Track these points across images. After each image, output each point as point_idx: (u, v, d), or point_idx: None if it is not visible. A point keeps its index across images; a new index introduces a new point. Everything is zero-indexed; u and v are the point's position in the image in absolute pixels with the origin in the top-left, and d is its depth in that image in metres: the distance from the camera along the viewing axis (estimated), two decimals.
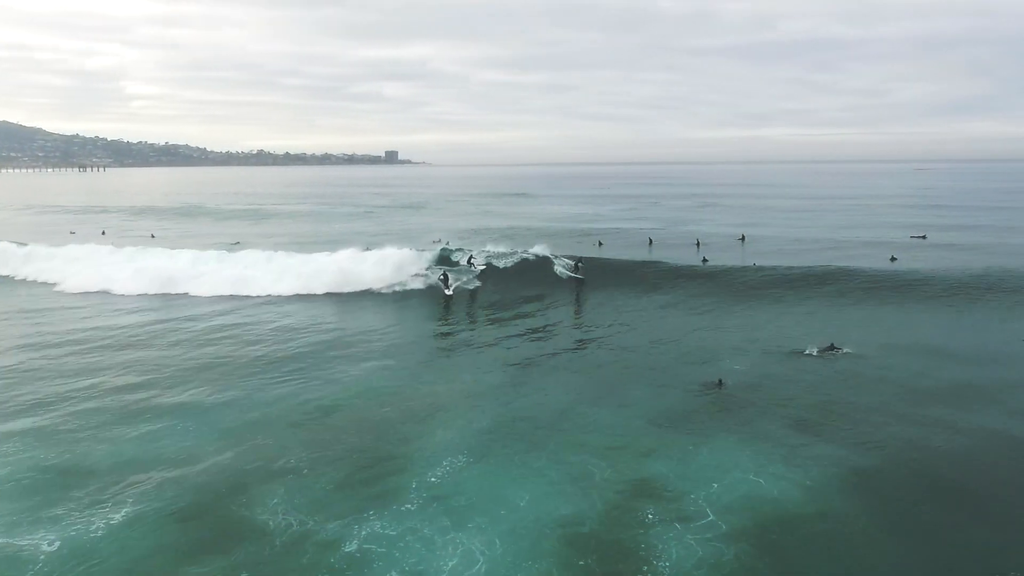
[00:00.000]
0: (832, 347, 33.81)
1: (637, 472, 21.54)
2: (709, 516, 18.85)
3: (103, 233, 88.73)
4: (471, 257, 53.01)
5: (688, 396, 28.62)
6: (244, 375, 31.41)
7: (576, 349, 36.09)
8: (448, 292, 46.79)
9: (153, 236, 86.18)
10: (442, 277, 48.07)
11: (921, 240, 71.39)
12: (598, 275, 50.34)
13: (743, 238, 72.07)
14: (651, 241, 71.81)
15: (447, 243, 62.41)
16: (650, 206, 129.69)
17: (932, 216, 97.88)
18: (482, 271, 51.43)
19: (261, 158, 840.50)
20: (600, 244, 70.25)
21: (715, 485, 20.57)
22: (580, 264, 51.10)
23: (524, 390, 29.53)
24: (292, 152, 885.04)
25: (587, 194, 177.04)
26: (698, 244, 67.94)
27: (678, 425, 25.53)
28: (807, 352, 33.42)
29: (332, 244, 71.60)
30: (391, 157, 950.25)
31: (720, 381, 29.78)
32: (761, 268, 50.77)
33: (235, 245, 69.73)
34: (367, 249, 56.47)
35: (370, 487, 20.70)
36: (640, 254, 63.55)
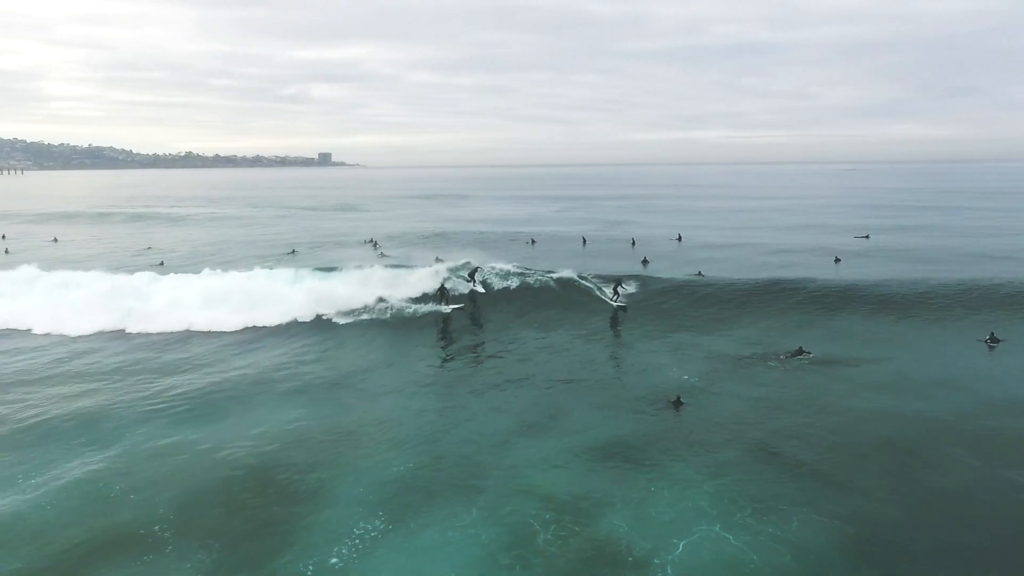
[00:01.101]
0: (800, 351, 32.17)
1: (588, 529, 17.76)
2: None
3: (2, 237, 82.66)
4: (473, 272, 45.82)
5: (644, 419, 25.29)
6: (122, 418, 26.26)
7: (521, 371, 31.81)
8: (446, 309, 41.23)
9: (56, 240, 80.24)
10: (439, 291, 42.44)
11: (864, 240, 70.60)
12: (554, 290, 44.51)
13: (679, 238, 70.70)
14: (584, 241, 70.56)
15: (442, 263, 50.16)
16: (586, 206, 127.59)
17: (872, 216, 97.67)
18: (479, 291, 43.99)
19: (190, 160, 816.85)
20: (533, 242, 69.50)
21: (680, 545, 16.93)
22: (620, 287, 42.58)
23: (456, 420, 25.52)
24: (223, 154, 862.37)
25: (523, 195, 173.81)
26: (633, 243, 67.34)
27: (633, 456, 22.06)
28: (774, 359, 31.77)
29: (245, 252, 67.63)
30: (325, 159, 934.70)
31: (678, 399, 26.88)
32: (710, 282, 47.86)
33: (160, 266, 61.55)
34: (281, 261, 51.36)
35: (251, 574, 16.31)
36: (575, 251, 63.34)
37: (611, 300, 41.19)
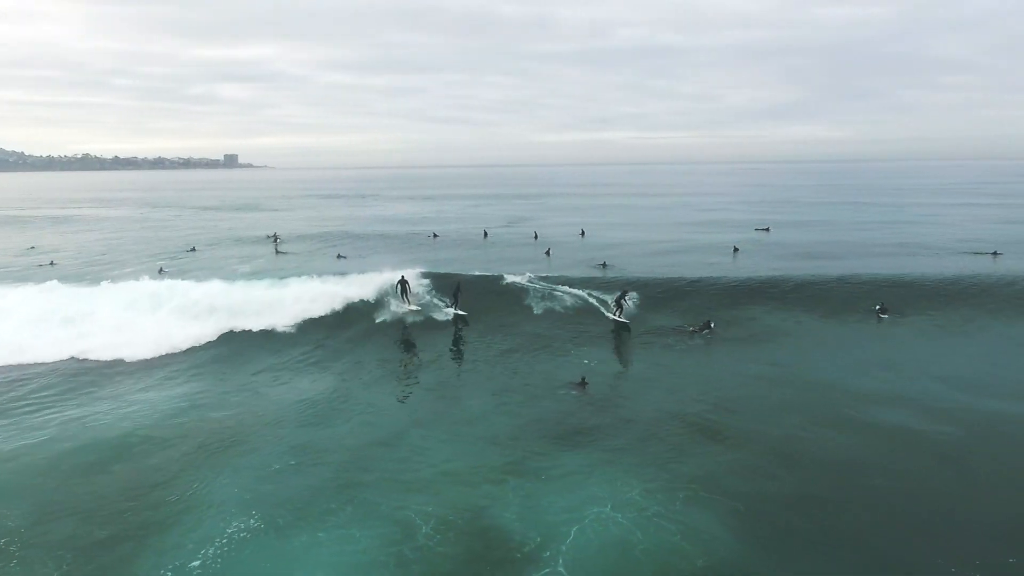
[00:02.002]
0: (708, 325, 33.77)
1: (474, 521, 16.96)
2: None
3: None
4: (456, 290, 38.43)
5: (546, 404, 24.77)
6: None
7: (425, 362, 31.01)
8: (409, 306, 37.08)
9: None
10: (399, 284, 37.95)
11: (765, 232, 72.77)
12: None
13: (583, 233, 71.76)
14: (486, 234, 71.80)
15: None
16: (493, 204, 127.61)
17: (772, 212, 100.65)
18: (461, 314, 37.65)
19: (87, 162, 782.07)
20: (435, 236, 70.79)
21: (572, 530, 16.33)
22: (624, 300, 36.55)
23: (348, 415, 24.44)
24: (122, 156, 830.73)
25: (431, 194, 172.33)
26: (536, 236, 68.54)
27: (529, 444, 21.43)
28: (688, 328, 33.41)
29: (138, 251, 65.08)
30: (231, 161, 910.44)
31: (583, 380, 26.85)
32: (615, 273, 48.16)
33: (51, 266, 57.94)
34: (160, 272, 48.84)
35: None
36: (476, 244, 64.51)
37: (614, 316, 35.68)
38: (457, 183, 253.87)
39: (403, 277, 38.13)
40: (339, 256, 59.86)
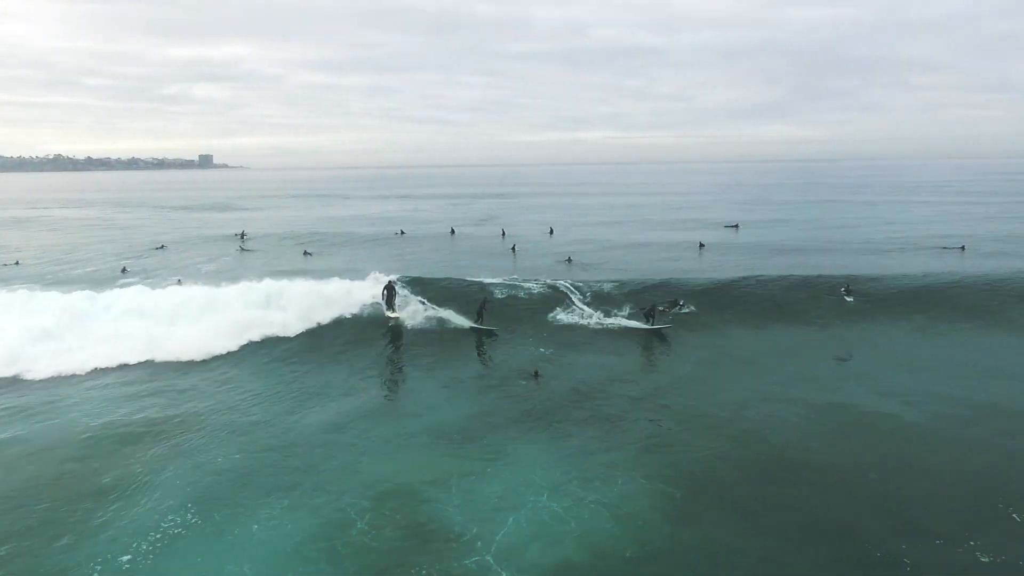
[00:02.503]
0: (676, 302, 35.03)
1: (411, 514, 16.91)
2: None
3: None
4: (482, 306, 35.09)
5: (494, 395, 24.85)
6: None
7: (379, 356, 30.81)
8: (391, 313, 34.47)
9: None
10: (385, 291, 35.12)
11: (734, 230, 74.19)
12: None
13: (551, 231, 72.30)
14: (453, 231, 72.70)
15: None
16: (465, 204, 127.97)
17: (743, 210, 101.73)
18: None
19: (59, 163, 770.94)
20: (402, 233, 71.76)
21: (509, 519, 16.36)
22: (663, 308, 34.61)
23: (293, 406, 24.30)
24: (95, 156, 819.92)
25: (404, 194, 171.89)
26: (503, 234, 69.04)
27: (475, 436, 21.47)
28: (659, 307, 33.97)
29: (103, 251, 64.43)
30: (205, 161, 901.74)
31: (536, 372, 27.06)
32: (581, 268, 49.07)
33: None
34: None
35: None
36: (444, 241, 65.24)
37: (648, 324, 33.18)
38: (432, 183, 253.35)
39: (390, 282, 36.02)
40: (305, 252, 60.40)
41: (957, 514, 16.69)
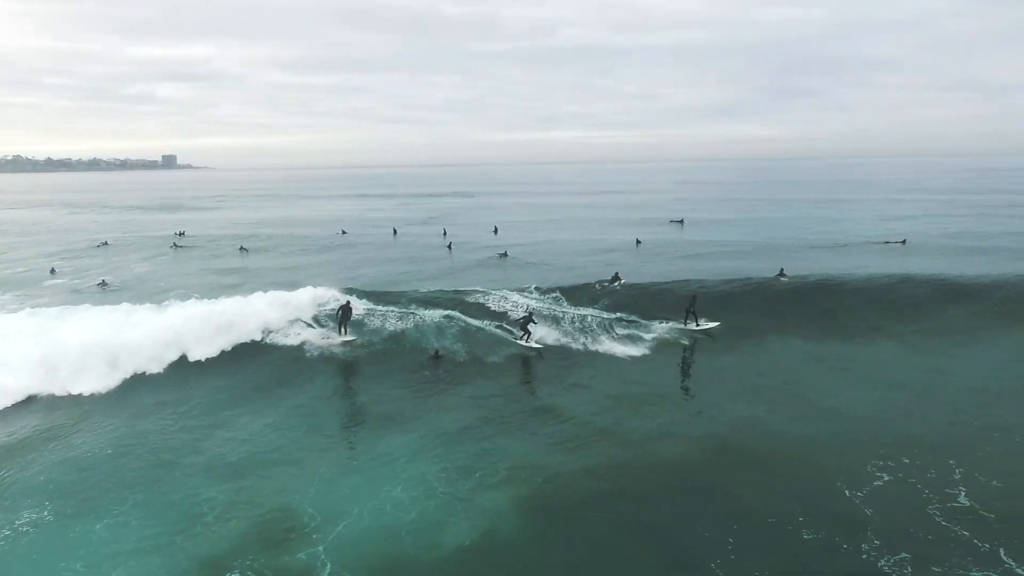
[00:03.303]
0: (616, 277, 38.15)
1: (265, 506, 16.97)
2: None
3: None
4: (527, 319, 31.33)
5: (392, 382, 25.13)
6: None
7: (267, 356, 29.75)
8: (344, 336, 30.58)
9: None
10: (341, 310, 31.24)
11: (679, 224, 77.40)
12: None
13: (496, 230, 73.31)
14: (395, 232, 73.33)
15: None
16: (422, 203, 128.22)
17: (695, 208, 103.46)
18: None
19: (18, 164, 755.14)
20: (343, 232, 72.39)
21: (354, 511, 16.48)
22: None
23: (170, 405, 24.03)
24: (56, 157, 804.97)
25: (366, 193, 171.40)
26: (444, 233, 69.84)
27: (346, 429, 21.60)
28: (598, 285, 36.92)
29: (36, 251, 63.68)
30: (169, 162, 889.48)
31: (436, 352, 28.04)
32: (512, 263, 50.62)
33: None
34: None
35: None
36: (385, 241, 65.98)
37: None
38: (396, 183, 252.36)
39: (348, 303, 31.79)
40: (242, 248, 61.49)
41: (792, 499, 17.14)
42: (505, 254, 53.87)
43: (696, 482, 18.12)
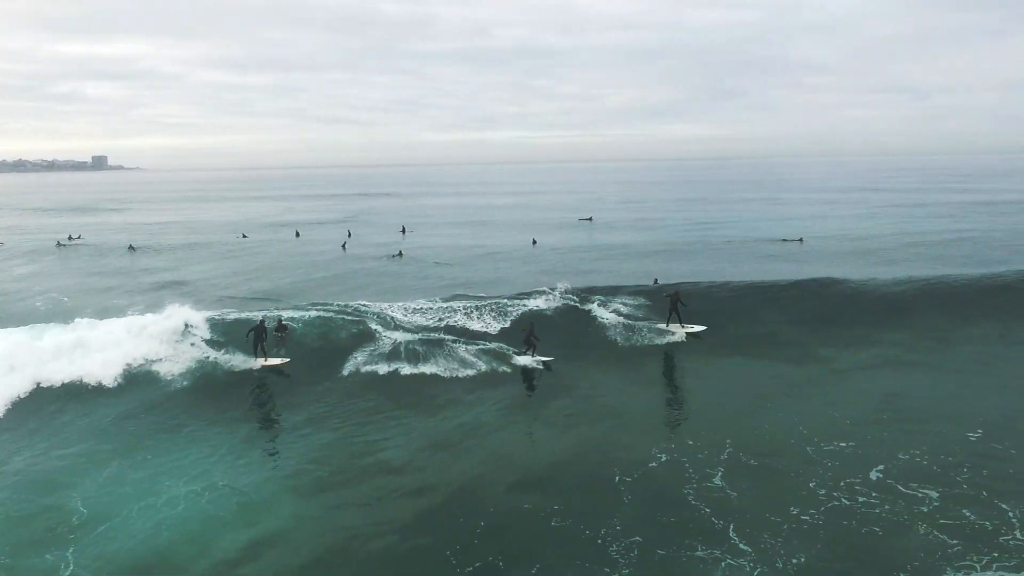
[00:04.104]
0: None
1: (36, 504, 17.13)
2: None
3: None
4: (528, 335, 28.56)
5: (211, 391, 25.03)
6: None
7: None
8: (265, 360, 27.31)
9: None
10: (254, 331, 27.53)
11: (588, 222, 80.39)
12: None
13: (404, 230, 74.18)
14: (298, 234, 73.53)
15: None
16: (343, 202, 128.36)
17: (607, 206, 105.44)
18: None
19: None
20: (244, 236, 72.11)
21: (124, 510, 16.68)
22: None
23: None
24: None
25: (288, 194, 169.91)
26: (349, 234, 70.08)
27: (138, 431, 21.82)
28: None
29: None
30: (99, 163, 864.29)
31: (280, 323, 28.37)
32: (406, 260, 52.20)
33: None
34: None
35: None
36: (288, 242, 66.66)
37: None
38: (329, 183, 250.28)
39: (263, 321, 28.20)
40: (131, 247, 62.25)
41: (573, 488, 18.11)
42: (400, 254, 54.80)
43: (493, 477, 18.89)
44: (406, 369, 26.47)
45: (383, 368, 26.49)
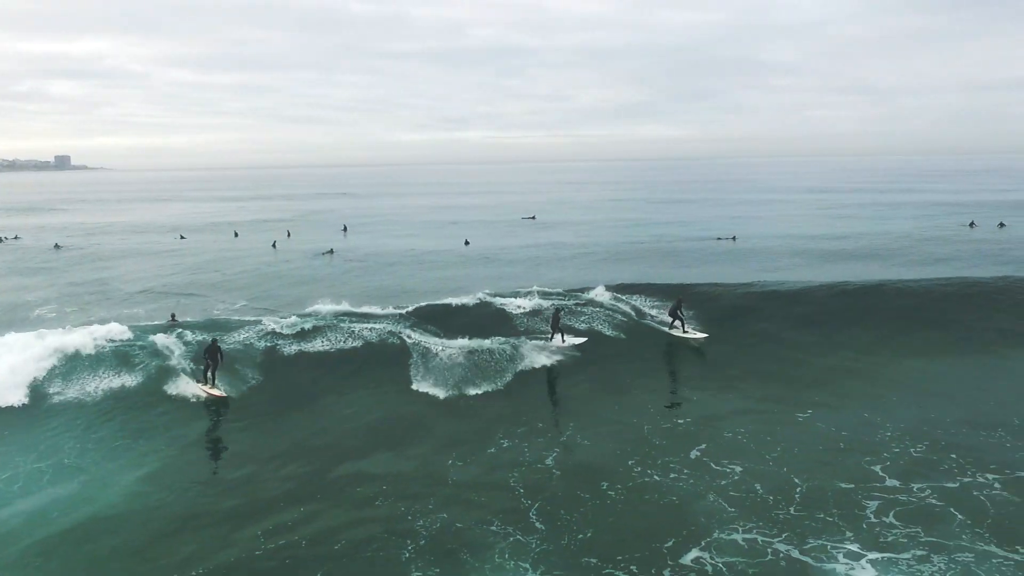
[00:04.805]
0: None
1: None
2: None
3: None
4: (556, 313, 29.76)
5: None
6: None
7: None
8: (209, 388, 24.52)
9: None
10: (207, 355, 24.91)
11: (531, 220, 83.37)
12: None
13: (345, 229, 76.26)
14: (236, 234, 74.29)
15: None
16: (296, 203, 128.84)
17: (556, 206, 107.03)
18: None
19: None
20: (182, 237, 72.26)
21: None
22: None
23: None
24: None
25: (241, 195, 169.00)
26: (288, 234, 71.27)
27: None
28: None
29: None
30: (63, 162, 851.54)
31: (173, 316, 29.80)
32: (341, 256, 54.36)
33: None
34: None
35: None
36: (224, 242, 67.75)
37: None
38: (294, 183, 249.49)
39: (215, 342, 25.37)
40: (56, 246, 63.65)
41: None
42: (331, 251, 56.31)
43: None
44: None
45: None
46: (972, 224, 65.26)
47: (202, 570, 14.80)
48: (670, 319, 30.43)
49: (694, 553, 15.25)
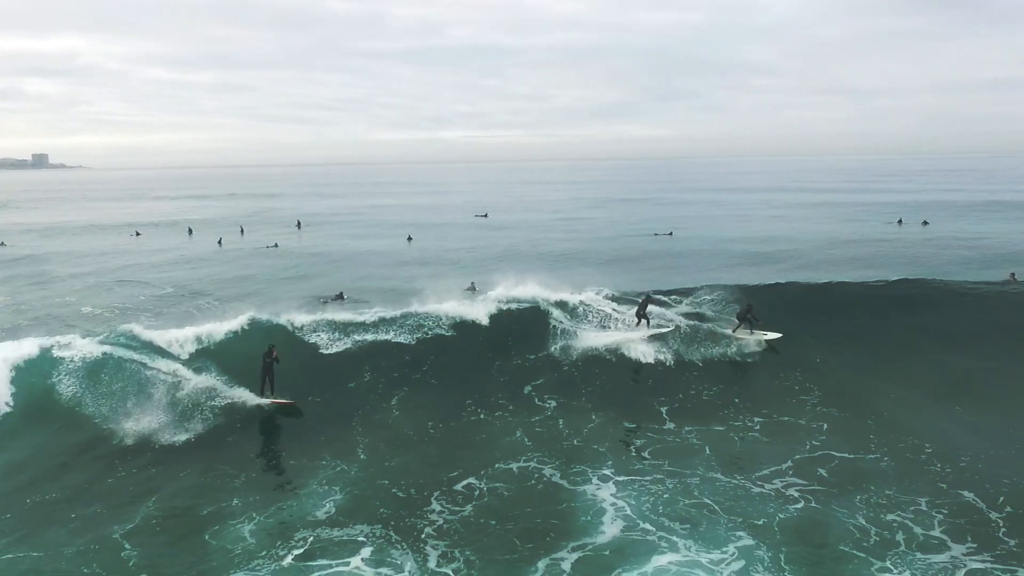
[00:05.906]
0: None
1: None
2: None
3: None
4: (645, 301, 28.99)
5: None
6: None
7: None
8: (271, 398, 22.81)
9: None
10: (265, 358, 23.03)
11: (484, 218, 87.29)
12: None
13: (299, 224, 79.45)
14: (191, 231, 76.76)
15: None
16: (262, 202, 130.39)
17: (511, 204, 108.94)
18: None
19: None
20: (137, 234, 74.21)
21: None
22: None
23: None
24: None
25: (208, 194, 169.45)
26: (242, 231, 74.27)
27: None
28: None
29: None
30: (40, 161, 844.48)
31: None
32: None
33: None
34: None
35: None
36: (181, 241, 69.02)
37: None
38: (265, 182, 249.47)
39: (271, 348, 23.22)
40: (2, 244, 64.55)
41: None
42: (276, 245, 59.05)
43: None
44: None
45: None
46: (900, 222, 68.63)
47: None
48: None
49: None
